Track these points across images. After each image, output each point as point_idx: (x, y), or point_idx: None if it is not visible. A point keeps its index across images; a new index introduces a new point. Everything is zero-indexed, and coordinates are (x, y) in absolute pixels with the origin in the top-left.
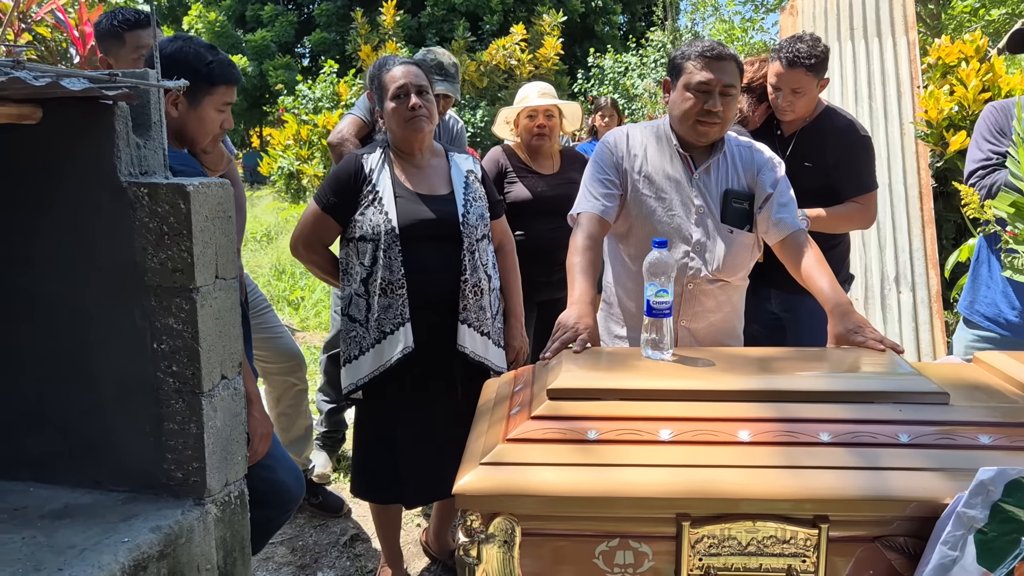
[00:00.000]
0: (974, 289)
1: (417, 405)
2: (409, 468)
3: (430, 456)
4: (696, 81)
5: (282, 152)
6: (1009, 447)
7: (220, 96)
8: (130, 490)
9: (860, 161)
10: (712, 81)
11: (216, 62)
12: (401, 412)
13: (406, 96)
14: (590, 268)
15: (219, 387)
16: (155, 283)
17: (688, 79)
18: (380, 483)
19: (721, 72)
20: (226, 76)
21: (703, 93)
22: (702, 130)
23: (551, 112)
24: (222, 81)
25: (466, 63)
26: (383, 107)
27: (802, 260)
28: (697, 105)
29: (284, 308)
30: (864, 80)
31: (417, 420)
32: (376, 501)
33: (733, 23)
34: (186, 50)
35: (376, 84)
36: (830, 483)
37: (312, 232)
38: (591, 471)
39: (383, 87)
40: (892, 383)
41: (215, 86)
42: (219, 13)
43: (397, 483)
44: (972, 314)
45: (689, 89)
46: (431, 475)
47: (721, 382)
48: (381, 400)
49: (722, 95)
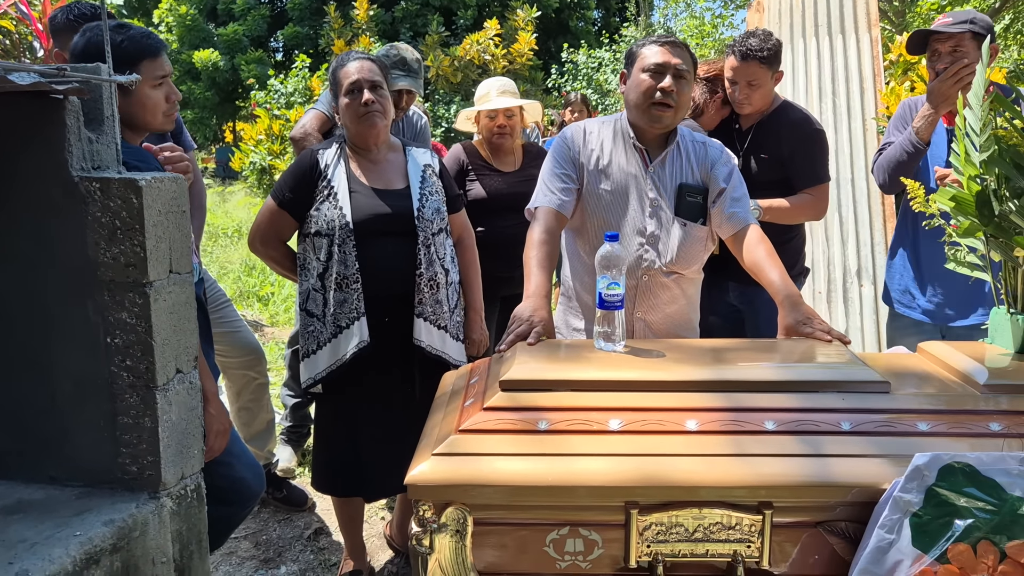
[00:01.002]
0: (890, 278)
1: (376, 399)
2: (370, 462)
3: (391, 449)
4: (651, 63)
5: (254, 147)
6: (946, 433)
7: (147, 72)
8: (85, 485)
9: (813, 153)
10: (666, 63)
11: (127, 39)
12: (361, 406)
13: (359, 92)
14: (546, 261)
15: (174, 381)
16: (108, 278)
17: (643, 63)
18: (341, 477)
19: (675, 55)
20: (143, 49)
21: (658, 74)
22: (656, 113)
23: (511, 111)
24: (140, 56)
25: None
26: (337, 101)
27: (753, 253)
28: (653, 85)
29: (254, 304)
30: (828, 76)
31: (377, 414)
32: (338, 495)
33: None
34: (95, 39)
35: (331, 79)
36: (774, 470)
37: (269, 228)
38: (542, 461)
39: (338, 83)
40: (836, 373)
41: (136, 63)
42: (190, 6)
43: (359, 477)
44: (889, 301)
45: (645, 71)
46: (392, 468)
47: (670, 373)
48: (340, 394)
49: (675, 77)
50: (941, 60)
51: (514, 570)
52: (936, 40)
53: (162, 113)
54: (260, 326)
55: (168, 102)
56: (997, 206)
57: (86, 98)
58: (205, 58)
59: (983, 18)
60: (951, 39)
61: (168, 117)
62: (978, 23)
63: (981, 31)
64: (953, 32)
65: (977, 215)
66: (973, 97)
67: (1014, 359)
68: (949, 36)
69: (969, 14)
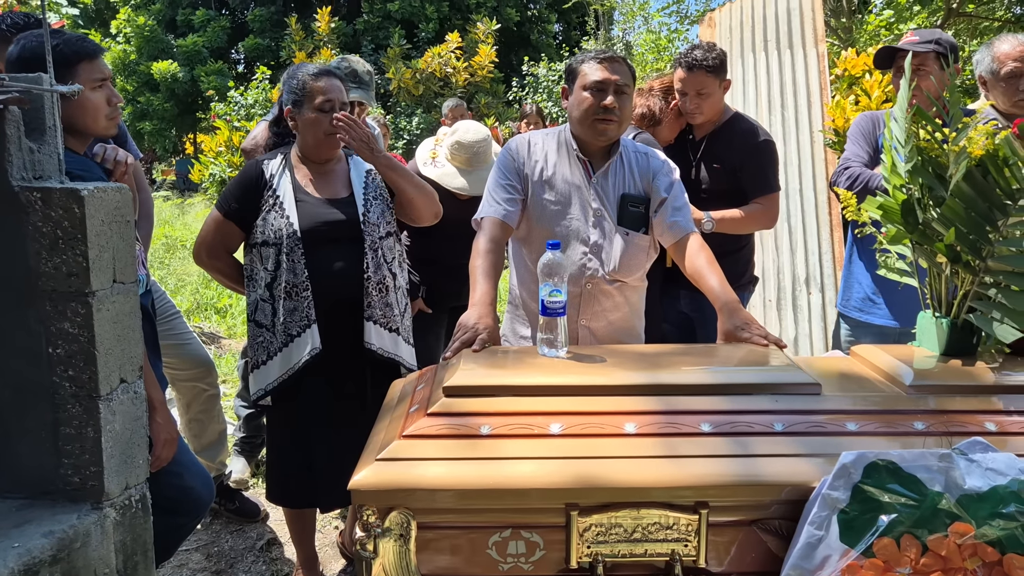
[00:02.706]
0: (847, 287)
1: (329, 407)
2: (323, 471)
3: (344, 458)
4: (592, 80)
5: (214, 159)
6: (873, 433)
7: (86, 74)
8: (26, 496)
9: (763, 163)
10: (607, 80)
11: (63, 43)
12: (313, 415)
13: (331, 111)
14: (491, 270)
15: (118, 391)
16: (50, 288)
17: (584, 80)
18: (295, 488)
19: (614, 72)
20: (79, 52)
21: (599, 91)
22: (600, 127)
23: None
24: (78, 59)
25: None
26: (301, 112)
27: (695, 261)
28: (595, 103)
29: (212, 315)
30: (776, 90)
31: (329, 422)
32: (292, 506)
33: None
34: (29, 46)
35: (299, 87)
36: (710, 471)
37: (215, 238)
38: (483, 465)
39: (309, 94)
40: (769, 376)
41: (73, 66)
42: (148, 17)
43: (312, 487)
44: (847, 309)
45: (586, 89)
46: (345, 477)
47: (610, 377)
48: (292, 404)
49: (616, 93)
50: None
51: (457, 573)
52: (902, 57)
53: (104, 116)
54: (218, 338)
55: (110, 105)
56: (921, 214)
57: (27, 108)
58: (164, 69)
59: (948, 38)
60: (916, 57)
61: (111, 121)
62: (943, 43)
63: (944, 51)
64: (918, 51)
65: (903, 223)
66: (898, 111)
67: (939, 361)
68: (915, 54)
69: (935, 34)
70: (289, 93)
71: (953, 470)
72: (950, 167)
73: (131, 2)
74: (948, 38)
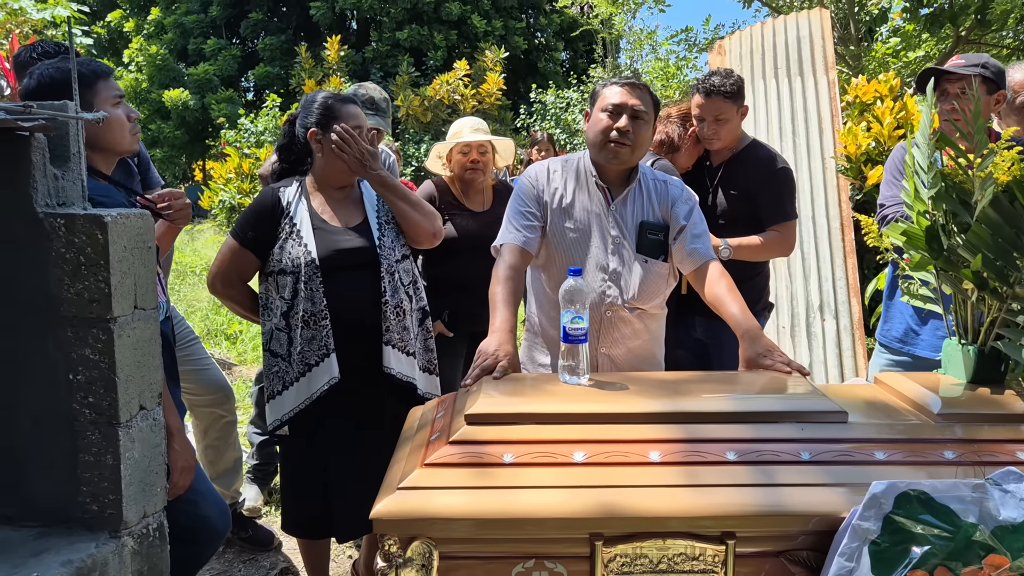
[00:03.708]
0: (887, 316)
1: (346, 436)
2: (340, 501)
3: (360, 487)
4: (609, 103)
5: (223, 185)
6: (902, 462)
7: (104, 92)
8: (43, 525)
9: (780, 191)
10: (623, 104)
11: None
12: (329, 443)
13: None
14: (511, 297)
15: (137, 418)
16: (71, 314)
17: (603, 102)
18: (310, 518)
19: (632, 96)
20: (95, 71)
21: (615, 114)
22: (614, 149)
23: (484, 147)
24: (95, 78)
25: (410, 98)
26: (327, 135)
27: (714, 288)
28: (610, 124)
29: (222, 342)
30: (788, 117)
31: (347, 451)
32: (308, 537)
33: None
34: (47, 73)
35: (326, 110)
36: (736, 500)
37: (231, 267)
38: (506, 494)
39: (337, 117)
40: (795, 404)
41: (92, 85)
42: (160, 46)
43: (328, 517)
44: (887, 339)
45: (603, 111)
46: (362, 506)
47: (633, 405)
48: (309, 433)
49: (632, 117)
50: (947, 100)
51: None
52: (946, 80)
53: (128, 132)
54: (228, 364)
55: (130, 120)
56: (945, 240)
57: (52, 135)
58: (175, 97)
59: (995, 63)
60: (961, 80)
61: (134, 136)
62: (989, 68)
63: (991, 76)
64: (964, 74)
65: (927, 249)
66: (920, 136)
67: (966, 389)
68: (959, 77)
69: (981, 58)
70: (313, 116)
71: (987, 501)
72: (975, 193)
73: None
74: (995, 63)
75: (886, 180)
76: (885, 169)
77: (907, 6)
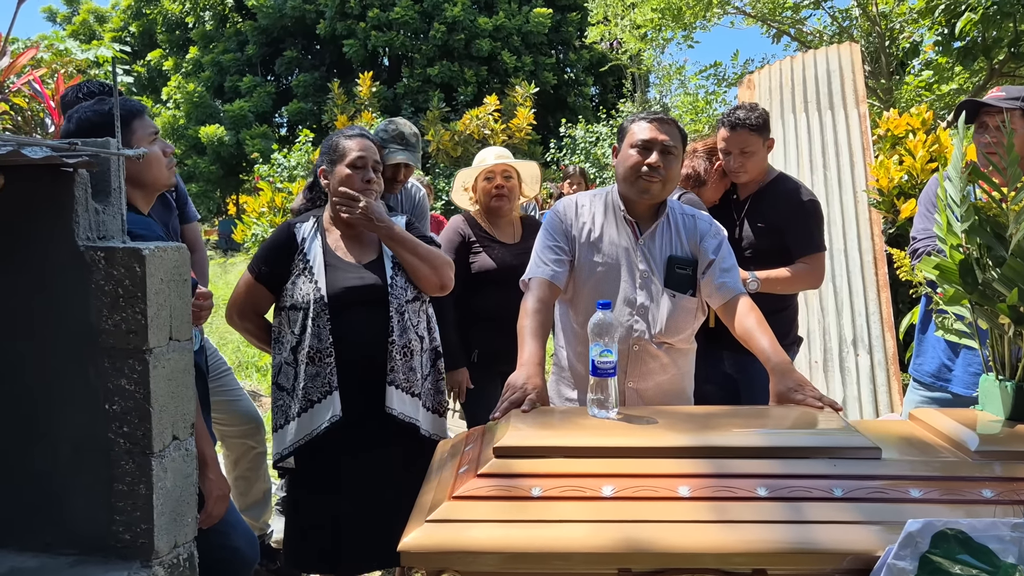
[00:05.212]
0: (920, 350)
1: (349, 472)
2: (344, 537)
3: (364, 523)
4: (639, 139)
5: (256, 219)
6: (938, 500)
7: (141, 129)
8: (79, 553)
9: (807, 223)
10: (654, 139)
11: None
12: (332, 480)
13: (363, 168)
14: (540, 331)
15: (170, 448)
16: (109, 344)
17: (632, 138)
18: (313, 554)
19: (662, 132)
20: (131, 110)
21: (646, 150)
22: (644, 185)
23: (509, 173)
24: (132, 117)
25: (440, 132)
26: (333, 171)
27: (744, 322)
28: (640, 160)
29: (253, 374)
30: (818, 150)
31: (350, 487)
32: (309, 571)
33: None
34: (85, 117)
35: (332, 148)
36: (767, 537)
37: (246, 300)
38: (535, 527)
39: (342, 153)
40: (827, 439)
41: (129, 123)
42: (198, 84)
43: (332, 552)
44: (920, 374)
45: (633, 147)
46: (366, 541)
47: (662, 439)
48: (312, 468)
49: (663, 152)
50: (986, 133)
51: None
52: (986, 113)
53: (166, 168)
54: (258, 396)
55: (165, 155)
56: (980, 274)
57: (94, 171)
58: (211, 133)
59: None
60: (1001, 113)
61: (170, 170)
62: None
63: None
64: (1004, 107)
65: (961, 283)
66: (952, 170)
67: (1004, 425)
68: (999, 110)
69: (1023, 91)
70: (323, 155)
71: None
72: (1010, 227)
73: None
74: None
75: (920, 213)
76: (919, 202)
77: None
